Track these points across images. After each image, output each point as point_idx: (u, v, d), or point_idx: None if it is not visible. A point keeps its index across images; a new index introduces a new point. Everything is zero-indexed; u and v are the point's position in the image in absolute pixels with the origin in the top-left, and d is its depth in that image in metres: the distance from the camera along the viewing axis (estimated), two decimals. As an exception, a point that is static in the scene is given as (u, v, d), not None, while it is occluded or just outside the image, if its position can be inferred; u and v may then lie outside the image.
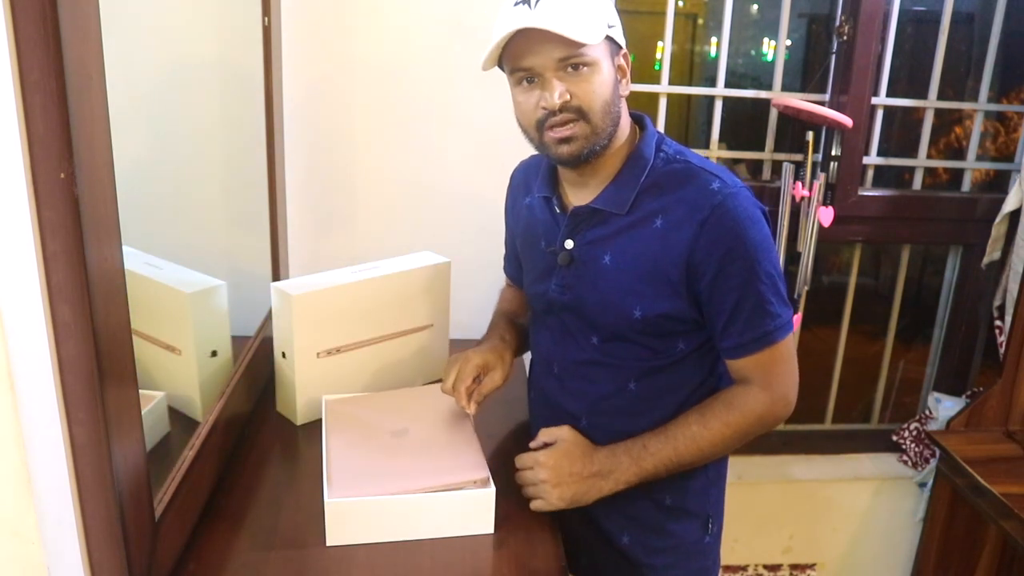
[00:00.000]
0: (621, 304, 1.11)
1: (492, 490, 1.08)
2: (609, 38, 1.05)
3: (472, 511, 1.08)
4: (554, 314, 1.22)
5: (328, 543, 1.05)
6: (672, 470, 1.13)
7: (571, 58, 1.02)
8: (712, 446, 1.12)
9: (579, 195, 1.16)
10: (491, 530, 1.09)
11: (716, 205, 1.04)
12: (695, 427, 1.11)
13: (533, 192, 1.24)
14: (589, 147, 1.07)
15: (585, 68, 1.03)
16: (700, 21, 3.69)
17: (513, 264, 1.41)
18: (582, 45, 1.01)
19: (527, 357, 1.39)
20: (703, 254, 1.05)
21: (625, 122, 1.12)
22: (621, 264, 1.11)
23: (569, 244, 1.15)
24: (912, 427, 2.13)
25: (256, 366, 1.38)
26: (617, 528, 1.24)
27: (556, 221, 1.18)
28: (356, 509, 1.05)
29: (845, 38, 1.82)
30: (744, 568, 2.21)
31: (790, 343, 1.13)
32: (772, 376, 1.12)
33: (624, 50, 1.09)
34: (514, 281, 1.44)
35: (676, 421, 1.13)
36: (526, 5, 1.01)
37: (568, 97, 1.03)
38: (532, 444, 1.18)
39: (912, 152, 2.02)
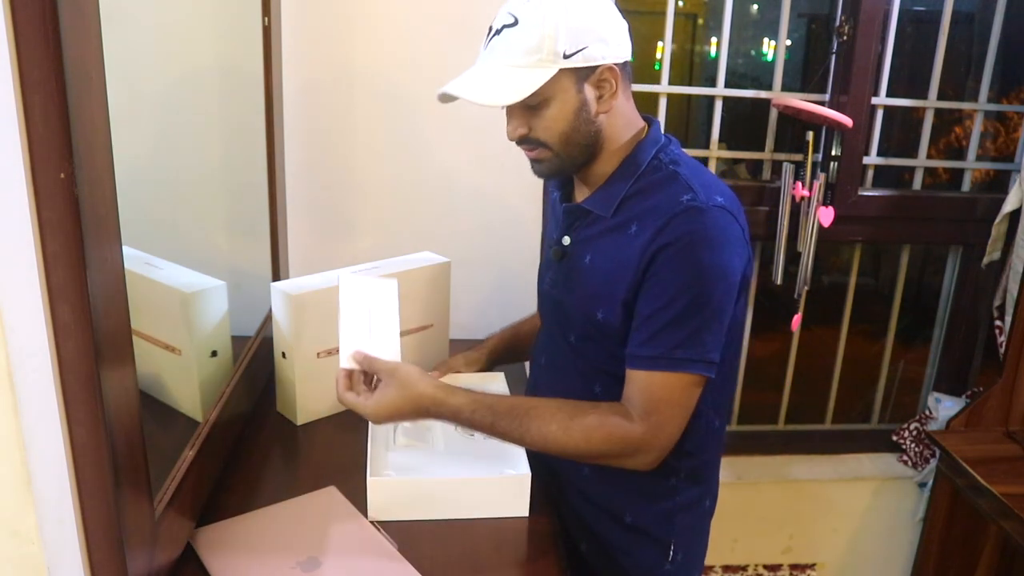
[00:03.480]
0: (587, 305, 1.11)
1: (528, 474, 1.13)
2: (569, 70, 1.01)
3: (509, 495, 1.14)
4: (546, 307, 1.24)
5: (369, 518, 1.11)
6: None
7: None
8: (560, 451, 1.06)
9: (581, 193, 1.17)
10: (525, 514, 1.14)
11: (676, 214, 1.01)
12: (554, 429, 1.04)
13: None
14: (558, 169, 1.10)
15: (537, 106, 1.03)
16: (700, 21, 3.69)
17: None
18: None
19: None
20: (651, 255, 1.02)
21: (619, 130, 1.10)
22: (597, 266, 1.11)
23: (566, 240, 1.16)
24: (912, 427, 2.13)
25: (256, 366, 1.38)
26: (578, 534, 1.23)
27: (560, 215, 1.20)
28: (396, 487, 1.13)
29: (845, 38, 1.82)
30: (744, 568, 2.21)
31: (687, 388, 1.03)
32: (652, 409, 1.03)
33: (604, 65, 1.03)
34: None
35: (538, 413, 1.05)
36: (486, 43, 1.05)
37: (525, 131, 1.06)
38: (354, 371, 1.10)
39: (912, 152, 2.02)
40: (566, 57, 1.00)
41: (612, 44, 1.04)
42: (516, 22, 1.01)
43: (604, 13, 1.04)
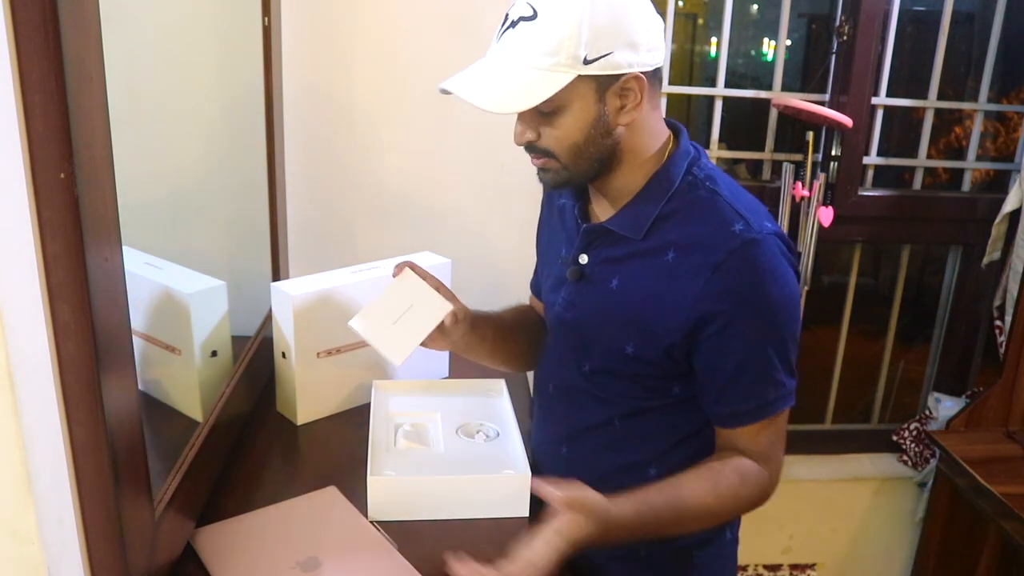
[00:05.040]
0: (616, 336, 1.01)
1: (528, 475, 1.12)
2: (590, 76, 0.90)
3: (509, 495, 1.12)
4: (557, 330, 1.13)
5: (369, 518, 1.10)
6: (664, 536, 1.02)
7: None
8: (714, 521, 1.03)
9: (602, 208, 1.05)
10: (526, 514, 1.13)
11: (733, 251, 0.92)
12: (709, 501, 0.97)
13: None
14: (565, 180, 0.99)
15: (550, 113, 0.93)
16: (700, 21, 3.68)
17: (539, 278, 1.26)
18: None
19: (531, 375, 1.31)
20: (712, 304, 0.93)
21: (642, 143, 0.99)
22: (627, 293, 1.00)
23: (583, 259, 1.05)
24: (912, 427, 2.13)
25: (256, 366, 1.38)
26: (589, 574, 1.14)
27: (577, 231, 1.07)
28: (397, 487, 1.11)
29: (845, 38, 1.82)
30: (744, 568, 2.20)
31: (785, 417, 1.02)
32: (771, 451, 1.00)
33: (630, 74, 0.92)
34: (537, 296, 1.28)
35: (689, 490, 0.97)
36: (499, 35, 0.94)
37: (532, 137, 0.96)
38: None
39: (912, 152, 2.02)
40: (587, 63, 0.89)
41: (642, 50, 0.92)
42: (535, 15, 0.90)
43: (636, 13, 0.91)
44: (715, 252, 0.93)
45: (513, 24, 0.92)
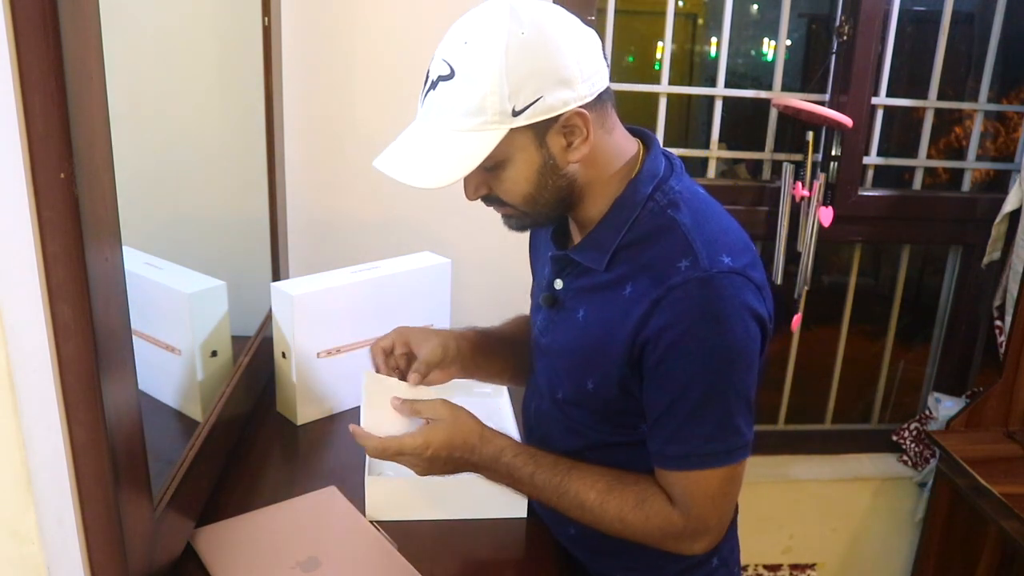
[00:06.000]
0: (578, 370, 0.98)
1: None
2: (524, 127, 0.84)
3: (508, 495, 1.10)
4: (536, 353, 1.09)
5: (367, 518, 1.10)
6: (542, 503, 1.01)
7: None
8: (593, 522, 0.96)
9: (575, 232, 1.01)
10: (524, 514, 1.13)
11: (673, 287, 0.86)
12: (592, 497, 0.95)
13: None
14: (531, 223, 0.97)
15: (494, 167, 0.88)
16: (700, 21, 3.69)
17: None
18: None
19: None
20: (648, 336, 0.88)
21: (600, 170, 0.93)
22: (590, 326, 0.95)
23: (559, 284, 1.01)
24: (912, 427, 2.13)
25: (256, 366, 1.38)
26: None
27: (546, 257, 1.04)
28: (395, 487, 1.11)
29: (845, 38, 1.82)
30: (744, 568, 2.20)
31: (725, 476, 0.92)
32: (693, 505, 0.92)
33: (569, 111, 0.85)
34: None
35: (579, 475, 0.96)
36: (422, 98, 0.90)
37: (484, 191, 0.92)
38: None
39: (912, 152, 2.02)
40: (516, 114, 0.83)
41: (578, 83, 0.85)
42: (452, 74, 0.84)
43: (561, 45, 0.84)
44: (658, 285, 0.87)
45: (433, 85, 0.87)
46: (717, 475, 0.91)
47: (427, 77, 0.89)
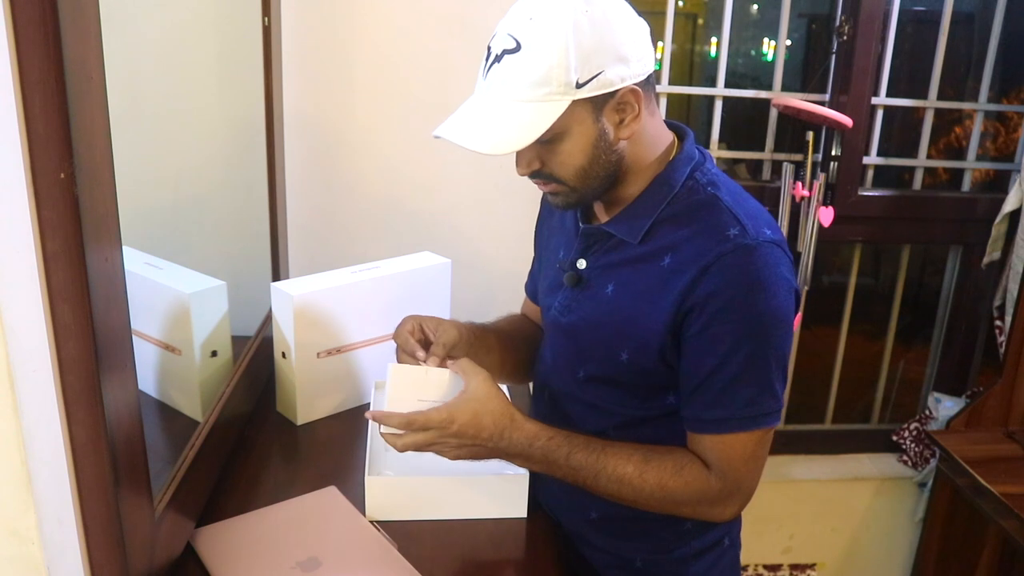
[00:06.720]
0: (611, 342, 1.00)
1: (527, 475, 1.12)
2: (585, 99, 0.88)
3: (508, 495, 1.12)
4: (554, 335, 1.11)
5: (367, 518, 1.10)
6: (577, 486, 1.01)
7: None
8: (633, 498, 0.98)
9: (604, 211, 1.04)
10: (524, 514, 1.13)
11: (723, 254, 0.90)
12: (630, 471, 0.97)
13: None
14: (577, 202, 0.99)
15: (550, 140, 0.91)
16: (700, 21, 3.68)
17: (535, 279, 1.25)
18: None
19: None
20: (695, 303, 0.91)
21: (644, 151, 0.97)
22: (622, 299, 0.99)
23: (582, 264, 1.04)
24: (912, 427, 2.13)
25: (256, 366, 1.38)
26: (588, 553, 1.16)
27: (576, 232, 1.06)
28: (395, 487, 1.11)
29: (845, 38, 1.82)
30: (744, 568, 2.20)
31: (759, 439, 0.96)
32: (729, 468, 0.96)
33: (625, 88, 0.90)
34: (532, 299, 1.28)
35: (614, 451, 0.98)
36: (485, 71, 0.92)
37: (536, 166, 0.95)
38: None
39: (912, 152, 2.02)
40: (579, 86, 0.87)
41: (633, 61, 0.90)
42: (518, 47, 0.88)
43: (621, 25, 0.89)
44: (706, 254, 0.91)
45: (498, 58, 0.90)
46: (752, 438, 0.95)
47: (489, 52, 0.92)
